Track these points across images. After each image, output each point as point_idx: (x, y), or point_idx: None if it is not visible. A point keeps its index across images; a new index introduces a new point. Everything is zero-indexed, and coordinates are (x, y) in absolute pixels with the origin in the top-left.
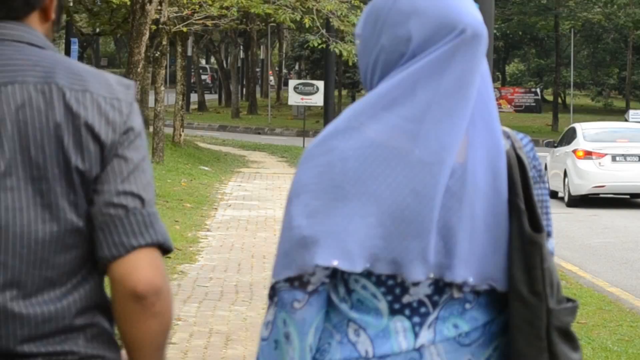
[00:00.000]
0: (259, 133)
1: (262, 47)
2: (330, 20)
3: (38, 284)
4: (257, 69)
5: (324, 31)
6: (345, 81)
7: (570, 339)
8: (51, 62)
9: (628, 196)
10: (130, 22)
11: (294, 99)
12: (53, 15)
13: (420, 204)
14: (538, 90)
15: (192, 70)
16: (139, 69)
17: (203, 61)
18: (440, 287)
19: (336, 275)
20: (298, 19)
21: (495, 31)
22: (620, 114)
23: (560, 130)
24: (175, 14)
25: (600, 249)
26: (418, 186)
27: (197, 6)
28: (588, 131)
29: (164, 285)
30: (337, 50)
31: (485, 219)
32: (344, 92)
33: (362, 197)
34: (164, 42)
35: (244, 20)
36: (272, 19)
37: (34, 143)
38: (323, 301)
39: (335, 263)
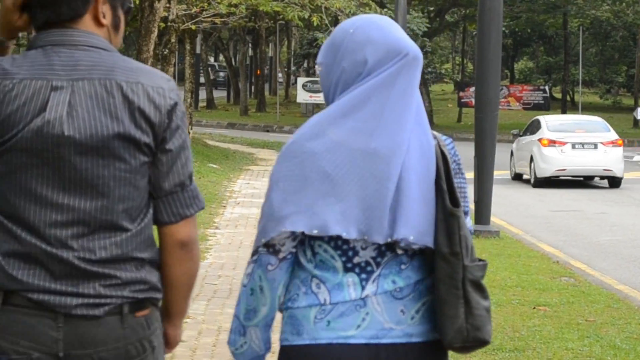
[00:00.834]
0: (268, 131)
1: (270, 44)
2: (339, 18)
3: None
4: (266, 67)
5: (332, 29)
6: None
7: (481, 289)
8: (111, 62)
9: (582, 178)
10: (139, 19)
11: (302, 96)
12: (105, 22)
13: (381, 185)
14: (546, 88)
15: (201, 67)
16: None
17: (212, 59)
18: (382, 251)
19: (304, 243)
20: (306, 16)
21: (503, 29)
22: (628, 112)
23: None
24: (183, 12)
25: (609, 246)
26: (376, 172)
27: (206, 4)
28: (551, 123)
29: (197, 238)
30: None
31: (420, 196)
32: None
33: (326, 186)
34: (173, 40)
35: (253, 17)
36: (281, 16)
37: (101, 123)
38: (290, 266)
39: (312, 230)
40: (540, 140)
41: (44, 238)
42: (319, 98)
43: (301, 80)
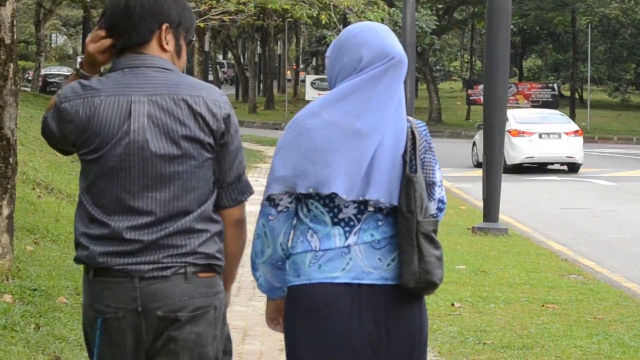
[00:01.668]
0: (276, 128)
1: (279, 42)
2: (347, 16)
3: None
4: (275, 65)
5: (341, 27)
6: None
7: (432, 241)
8: (176, 79)
9: (560, 164)
10: None
11: (311, 94)
12: (168, 48)
13: (360, 156)
14: (555, 85)
15: (210, 65)
16: None
17: (220, 56)
18: (362, 209)
19: (302, 201)
20: (315, 14)
21: (512, 26)
22: (637, 109)
23: (578, 126)
24: (192, 9)
25: (617, 244)
26: (358, 146)
27: (215, 1)
28: (518, 116)
29: (246, 218)
30: None
31: (390, 166)
32: None
33: (317, 156)
34: None
35: (261, 15)
36: (289, 14)
37: (170, 128)
38: (287, 217)
39: (303, 189)
40: (509, 131)
41: (128, 227)
42: None
43: (310, 78)
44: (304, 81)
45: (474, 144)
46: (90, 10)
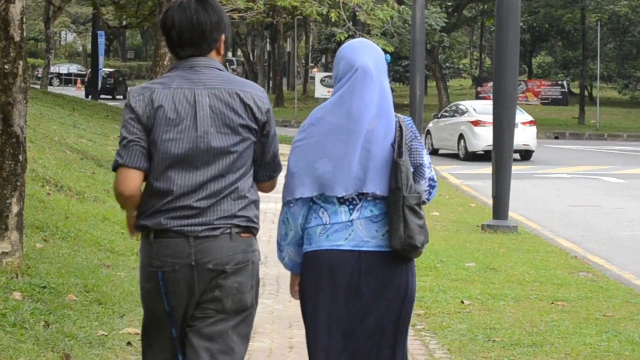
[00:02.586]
0: (286, 125)
1: (288, 39)
2: (357, 14)
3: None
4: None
5: (350, 24)
6: None
7: (415, 212)
8: (229, 78)
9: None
10: (157, 14)
11: (320, 91)
12: (222, 53)
13: (350, 153)
14: (565, 83)
15: None
16: (165, 62)
17: (230, 54)
18: (362, 193)
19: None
20: (324, 12)
21: (521, 24)
22: None
23: (587, 123)
24: None
25: (627, 241)
26: (352, 144)
27: None
28: (477, 107)
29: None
30: None
31: (382, 156)
32: None
33: (321, 152)
34: None
35: (271, 13)
36: (299, 12)
37: (227, 117)
38: (303, 204)
39: (311, 193)
40: (471, 121)
41: (186, 194)
42: None
43: (319, 76)
44: (313, 78)
45: (428, 132)
46: (100, 7)
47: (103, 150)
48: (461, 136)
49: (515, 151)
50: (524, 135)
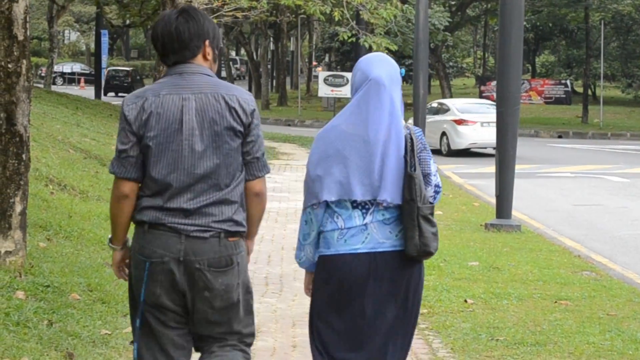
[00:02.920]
0: (289, 125)
1: (292, 38)
2: (360, 13)
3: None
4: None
5: (353, 23)
6: None
7: (429, 221)
8: (214, 82)
9: (492, 149)
10: (160, 13)
11: (324, 90)
12: (209, 58)
13: (371, 162)
14: (568, 82)
15: (223, 62)
16: None
17: (233, 53)
18: (375, 199)
19: None
20: (328, 11)
21: (525, 23)
22: None
23: (591, 123)
24: (205, 6)
25: (630, 240)
26: (368, 153)
27: None
28: (459, 106)
29: (266, 190)
30: (366, 45)
31: (396, 167)
32: None
33: (338, 158)
34: None
35: (274, 12)
36: (302, 11)
37: (213, 120)
38: (323, 206)
39: (332, 198)
40: (454, 120)
41: (178, 196)
42: (340, 92)
43: (322, 75)
44: (317, 77)
45: (444, 133)
46: (103, 6)
47: (106, 149)
48: (444, 134)
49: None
50: None
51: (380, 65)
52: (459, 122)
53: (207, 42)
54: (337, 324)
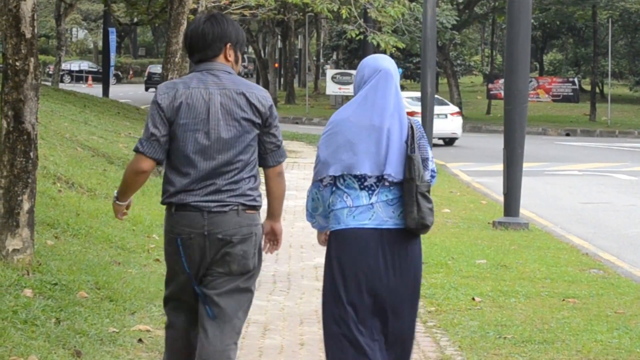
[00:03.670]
0: (297, 123)
1: (299, 36)
2: (368, 11)
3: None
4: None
5: (361, 21)
6: None
7: (426, 198)
8: (237, 80)
9: (442, 140)
10: (168, 11)
11: (331, 88)
12: (230, 59)
13: (378, 146)
14: (576, 80)
15: None
16: (176, 59)
17: None
18: (379, 179)
19: (339, 176)
20: (335, 9)
21: (532, 21)
22: None
23: (598, 120)
24: (213, 4)
25: (638, 238)
26: (374, 135)
27: None
28: (411, 98)
29: (284, 172)
30: (374, 42)
31: (398, 149)
32: None
33: (348, 146)
34: None
35: (282, 10)
36: (310, 8)
37: (234, 112)
38: (330, 189)
39: (339, 172)
40: (408, 112)
41: (202, 176)
42: (348, 90)
43: (330, 73)
44: (324, 75)
45: None
46: (111, 4)
47: (114, 147)
48: None
49: (442, 138)
50: (452, 124)
51: (386, 60)
52: (412, 114)
53: (228, 45)
54: (349, 297)
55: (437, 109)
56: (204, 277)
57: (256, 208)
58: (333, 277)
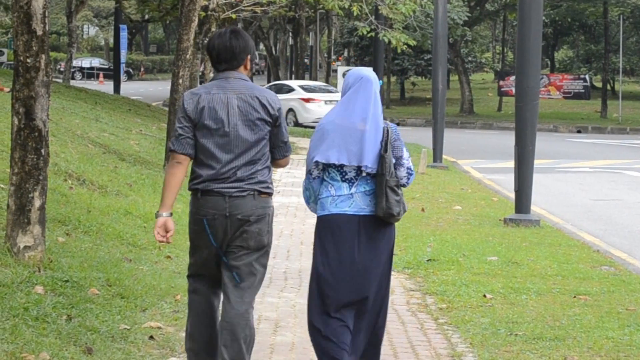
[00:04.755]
0: None
1: (311, 33)
2: (379, 7)
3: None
4: (307, 54)
5: (372, 18)
6: (393, 68)
7: (394, 191)
8: (252, 86)
9: None
10: (179, 8)
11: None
12: (248, 68)
13: (357, 143)
14: (587, 76)
15: None
16: (187, 56)
17: None
18: (358, 173)
19: (325, 170)
20: (346, 6)
21: (544, 18)
22: None
23: (610, 117)
24: (224, 1)
25: None
26: (355, 137)
27: None
28: (304, 86)
29: (289, 163)
30: (385, 39)
31: (374, 147)
32: (392, 79)
33: (330, 142)
34: (213, 29)
35: (293, 7)
36: (321, 5)
37: (249, 113)
38: (319, 181)
39: (323, 160)
40: (302, 99)
41: (224, 167)
42: None
43: (341, 69)
44: (335, 71)
45: (291, 109)
46: (122, 1)
47: (125, 144)
48: (291, 110)
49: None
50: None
51: (369, 71)
52: (307, 100)
53: (249, 57)
54: (336, 273)
55: (330, 96)
56: (226, 253)
57: (269, 194)
58: (316, 255)
